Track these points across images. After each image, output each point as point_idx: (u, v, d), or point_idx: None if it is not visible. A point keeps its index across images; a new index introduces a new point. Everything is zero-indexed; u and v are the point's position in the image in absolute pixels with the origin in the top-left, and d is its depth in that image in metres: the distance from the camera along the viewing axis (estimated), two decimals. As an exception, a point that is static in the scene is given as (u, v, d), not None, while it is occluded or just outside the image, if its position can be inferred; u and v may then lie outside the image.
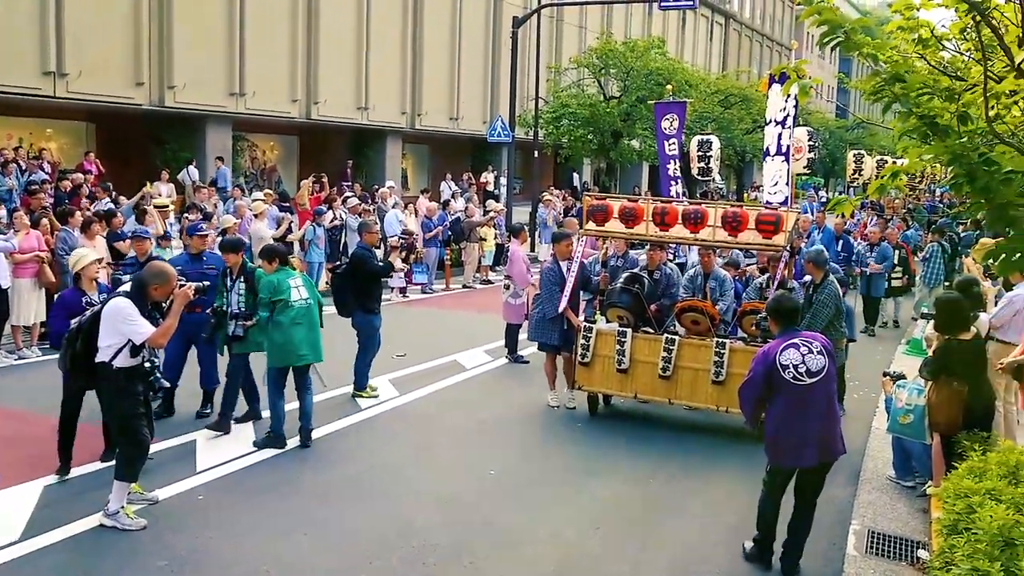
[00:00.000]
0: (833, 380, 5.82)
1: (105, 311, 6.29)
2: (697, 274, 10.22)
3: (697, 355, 8.90)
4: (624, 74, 31.60)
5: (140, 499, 6.67)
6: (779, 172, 10.20)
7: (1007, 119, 4.94)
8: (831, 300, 8.70)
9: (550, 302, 9.57)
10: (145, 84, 23.10)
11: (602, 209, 9.35)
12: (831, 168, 50.98)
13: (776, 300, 6.07)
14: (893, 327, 15.77)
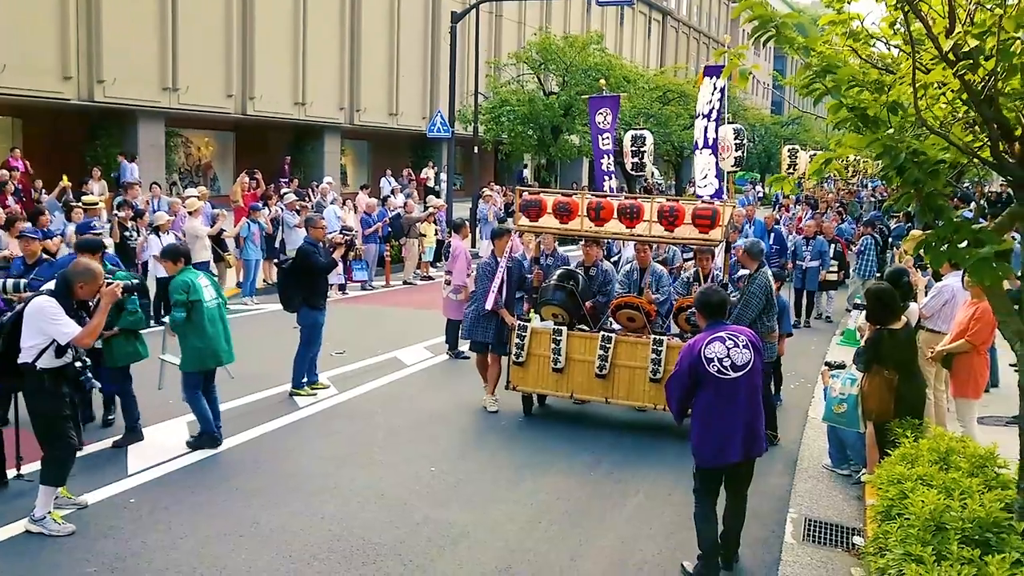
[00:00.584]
0: (759, 374, 5.74)
1: (28, 310, 6.08)
2: (633, 269, 9.95)
3: (634, 353, 8.78)
4: (563, 69, 31.71)
5: (68, 504, 6.47)
6: (708, 165, 10.29)
7: (935, 109, 5.02)
8: (761, 292, 8.56)
9: (486, 298, 9.41)
10: (74, 78, 22.52)
11: (536, 204, 9.14)
12: (767, 164, 51.79)
13: (703, 293, 5.98)
14: (826, 321, 16.03)
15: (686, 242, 9.28)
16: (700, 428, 5.69)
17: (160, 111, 25.12)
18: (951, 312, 8.43)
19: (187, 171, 29.00)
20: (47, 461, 6.19)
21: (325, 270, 9.94)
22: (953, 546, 4.06)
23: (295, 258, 9.96)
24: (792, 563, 5.94)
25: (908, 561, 4.03)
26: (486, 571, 5.84)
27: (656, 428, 9.13)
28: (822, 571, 5.86)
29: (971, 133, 4.90)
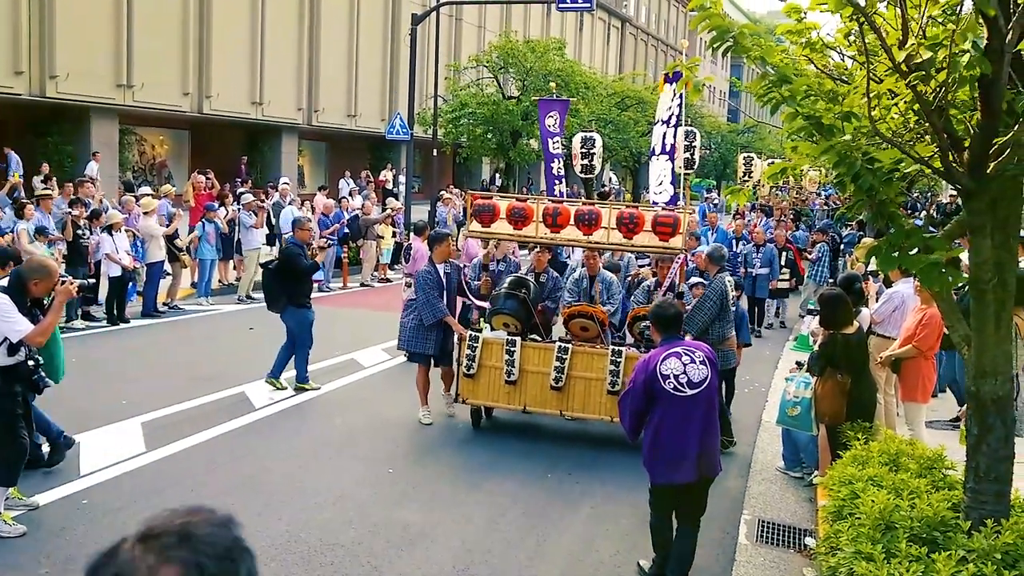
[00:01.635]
0: (715, 392, 5.59)
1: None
2: (583, 277, 9.71)
3: (591, 364, 8.49)
4: (523, 73, 31.79)
5: (19, 505, 6.36)
6: (663, 171, 10.34)
7: (888, 119, 5.15)
8: (716, 296, 8.48)
9: (428, 309, 8.92)
10: (25, 73, 22.06)
11: (489, 209, 8.76)
12: (723, 171, 52.39)
13: (658, 307, 5.83)
14: (780, 327, 16.21)
15: (646, 250, 9.09)
16: (653, 446, 5.49)
17: (114, 108, 24.72)
18: (901, 318, 8.62)
19: (141, 169, 28.57)
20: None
21: (309, 271, 10.10)
22: (902, 544, 4.17)
23: (280, 259, 10.10)
24: (746, 563, 6.04)
25: (859, 559, 4.13)
26: (445, 571, 5.85)
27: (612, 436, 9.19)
28: (775, 571, 5.96)
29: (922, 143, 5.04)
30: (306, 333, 10.08)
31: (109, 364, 10.93)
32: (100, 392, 9.46)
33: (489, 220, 8.78)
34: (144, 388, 9.67)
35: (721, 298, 8.54)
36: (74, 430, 8.05)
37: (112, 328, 13.13)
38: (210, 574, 1.41)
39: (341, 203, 20.57)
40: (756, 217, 22.68)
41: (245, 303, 15.88)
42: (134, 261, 13.71)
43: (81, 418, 8.40)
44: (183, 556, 1.41)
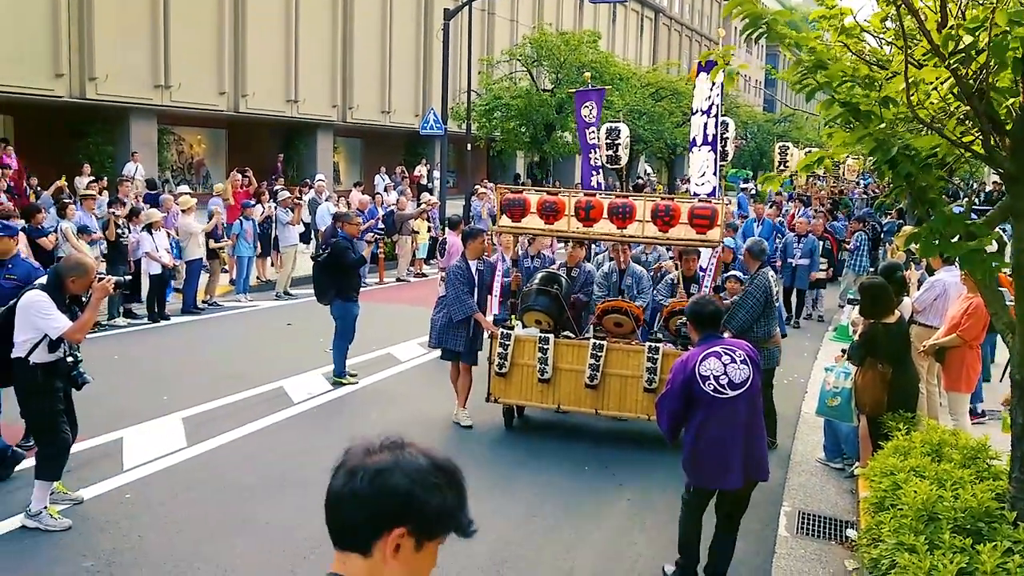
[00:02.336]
0: (758, 392, 5.32)
1: (20, 304, 6.08)
2: (612, 270, 9.54)
3: (627, 361, 8.25)
4: (557, 66, 31.71)
5: (64, 499, 6.47)
6: (706, 162, 10.18)
7: (927, 105, 5.06)
8: (760, 293, 8.22)
9: (457, 305, 8.74)
10: (65, 75, 22.43)
11: (519, 204, 8.56)
12: (759, 161, 51.89)
13: (696, 304, 5.55)
14: (818, 320, 16.01)
15: (683, 244, 8.79)
16: (694, 451, 5.26)
17: (152, 108, 25.05)
18: (942, 306, 8.49)
19: (179, 169, 28.93)
20: (41, 456, 6.19)
21: (357, 265, 10.33)
22: (945, 536, 4.10)
23: (330, 253, 10.27)
24: (786, 556, 5.99)
25: (901, 551, 4.07)
26: (481, 565, 5.87)
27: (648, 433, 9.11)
28: (816, 564, 5.90)
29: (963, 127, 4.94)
30: (350, 326, 10.24)
31: (150, 361, 11.09)
32: (142, 388, 9.60)
33: (520, 215, 8.60)
34: (185, 384, 9.80)
35: (766, 294, 8.26)
36: (117, 426, 8.21)
37: (153, 325, 13.31)
38: (405, 464, 1.74)
39: (376, 199, 20.68)
40: (794, 207, 22.44)
41: (283, 299, 16.02)
42: (173, 259, 13.88)
43: (124, 414, 8.54)
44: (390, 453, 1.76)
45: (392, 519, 1.72)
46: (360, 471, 1.74)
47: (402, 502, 1.72)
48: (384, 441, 1.80)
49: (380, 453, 1.76)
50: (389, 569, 1.74)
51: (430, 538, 1.78)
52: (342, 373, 10.25)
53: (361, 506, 1.73)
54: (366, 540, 1.74)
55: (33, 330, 6.03)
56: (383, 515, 1.72)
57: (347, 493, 1.74)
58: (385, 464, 1.74)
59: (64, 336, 6.06)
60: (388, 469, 1.74)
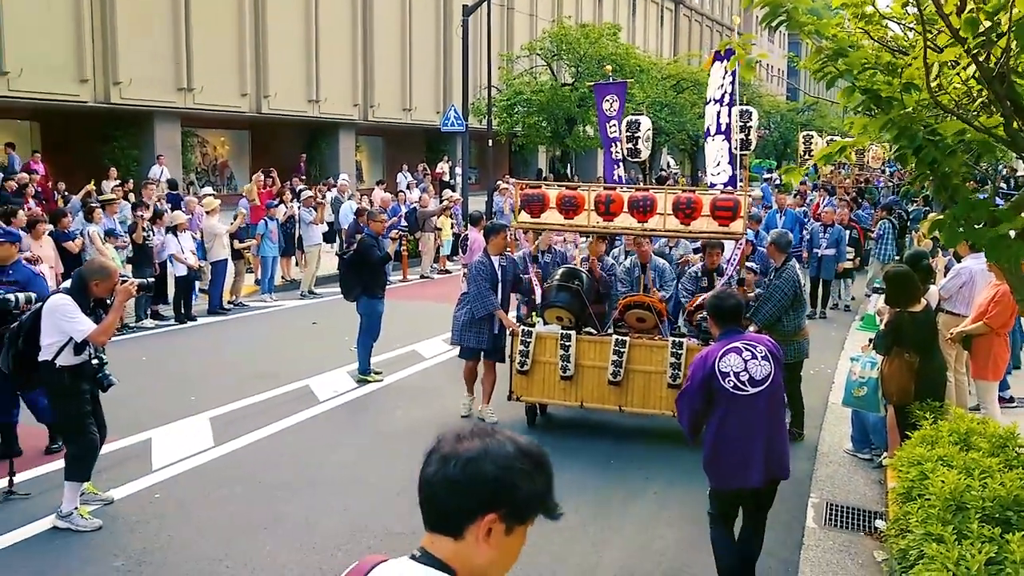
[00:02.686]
0: (781, 389, 5.19)
1: (45, 308, 6.16)
2: (634, 265, 9.41)
3: (650, 357, 8.13)
4: (577, 60, 31.64)
5: (94, 499, 6.55)
6: (720, 151, 10.11)
7: (949, 90, 5.00)
8: (789, 287, 8.13)
9: (479, 301, 8.66)
10: (90, 81, 22.68)
11: (538, 199, 8.41)
12: (783, 151, 51.49)
13: (716, 298, 5.38)
14: (844, 309, 15.88)
15: (705, 236, 8.63)
16: (714, 449, 5.09)
17: (176, 111, 25.27)
18: (969, 294, 8.39)
19: (204, 171, 29.16)
20: (70, 458, 6.26)
21: (382, 262, 10.43)
22: (974, 525, 4.06)
23: (355, 250, 10.37)
24: (814, 547, 5.95)
25: (929, 541, 4.03)
26: (508, 559, 5.86)
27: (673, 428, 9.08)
28: (844, 555, 5.86)
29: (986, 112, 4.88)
30: (375, 323, 10.31)
31: (177, 362, 11.20)
32: (170, 389, 9.69)
33: (539, 210, 8.44)
34: (212, 384, 9.88)
35: (794, 288, 8.20)
36: (146, 426, 8.30)
37: (180, 326, 13.44)
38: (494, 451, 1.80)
39: (399, 196, 20.74)
40: (819, 196, 22.25)
41: (308, 298, 16.12)
42: (198, 261, 14.00)
43: (152, 415, 8.63)
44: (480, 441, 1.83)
45: (484, 505, 1.78)
46: (452, 458, 1.81)
47: (493, 489, 1.78)
48: (474, 428, 1.88)
49: (470, 440, 1.83)
50: (480, 552, 1.79)
51: (521, 522, 1.83)
52: (367, 370, 10.30)
53: (454, 493, 1.79)
54: (459, 524, 1.79)
55: (59, 333, 6.11)
56: (475, 501, 1.78)
57: (440, 480, 1.81)
58: (475, 451, 1.81)
59: (88, 339, 6.14)
60: (479, 456, 1.80)
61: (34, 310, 6.35)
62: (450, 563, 1.79)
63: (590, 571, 5.80)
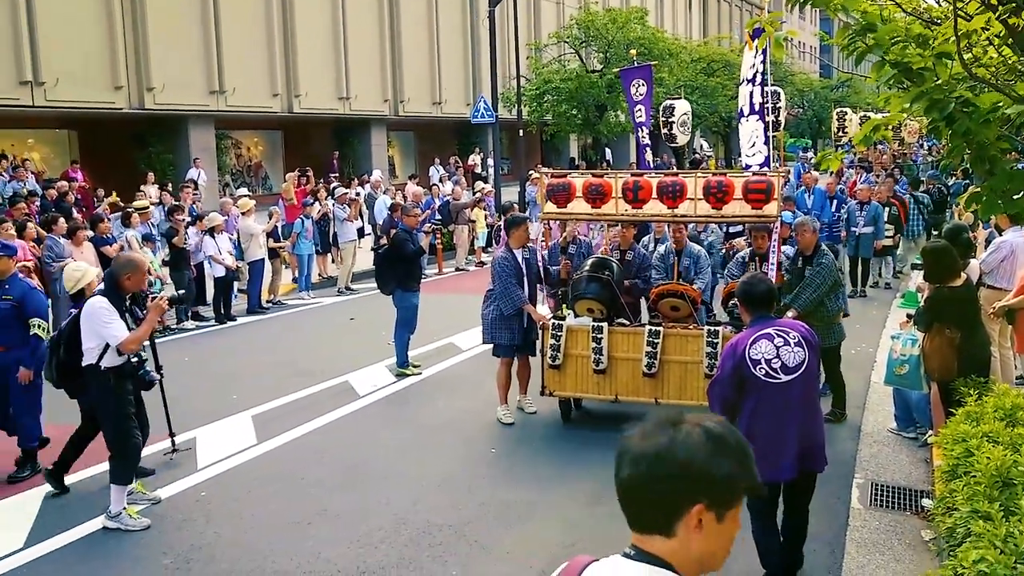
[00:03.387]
0: (815, 377, 5.00)
1: (84, 313, 6.26)
2: (669, 251, 9.18)
3: (685, 347, 7.86)
4: (606, 46, 31.46)
5: (142, 499, 6.66)
6: (755, 132, 9.96)
7: (984, 60, 4.91)
8: (828, 272, 7.95)
9: (506, 298, 8.38)
10: (124, 88, 22.99)
11: (564, 189, 8.15)
12: (818, 129, 50.87)
13: (746, 283, 5.17)
14: (885, 287, 15.64)
15: (737, 221, 8.47)
16: (746, 440, 5.03)
17: (209, 114, 25.54)
18: (1011, 267, 8.24)
19: (239, 172, 29.46)
20: (115, 460, 6.36)
21: (416, 256, 10.46)
22: (1021, 501, 4.00)
23: (390, 244, 10.50)
24: (860, 527, 5.89)
25: (976, 518, 3.97)
26: (551, 547, 5.88)
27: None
28: (891, 535, 5.80)
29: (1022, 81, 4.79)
30: (411, 316, 10.37)
31: (219, 361, 11.34)
32: (212, 389, 9.82)
33: (565, 200, 8.18)
34: (253, 382, 9.99)
35: (834, 274, 8.02)
36: (190, 426, 8.42)
37: (220, 327, 13.61)
38: (682, 441, 1.74)
39: (432, 190, 20.79)
40: (855, 174, 21.94)
41: (345, 294, 16.24)
42: (235, 261, 14.15)
43: (196, 414, 8.75)
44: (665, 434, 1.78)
45: (687, 497, 1.73)
46: (642, 458, 1.76)
47: (690, 479, 1.73)
48: (656, 422, 1.82)
49: (655, 435, 1.78)
50: (696, 545, 1.74)
51: (729, 507, 1.78)
52: (405, 364, 10.36)
53: (653, 492, 1.75)
54: (667, 522, 1.74)
55: (98, 337, 6.21)
56: (677, 496, 1.73)
57: (636, 482, 1.76)
58: (663, 446, 1.75)
59: (119, 347, 6.21)
60: (668, 450, 1.74)
61: (72, 317, 6.46)
62: (668, 559, 1.75)
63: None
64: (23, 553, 5.94)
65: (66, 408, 7.17)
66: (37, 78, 20.88)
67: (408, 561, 5.72)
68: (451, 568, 5.64)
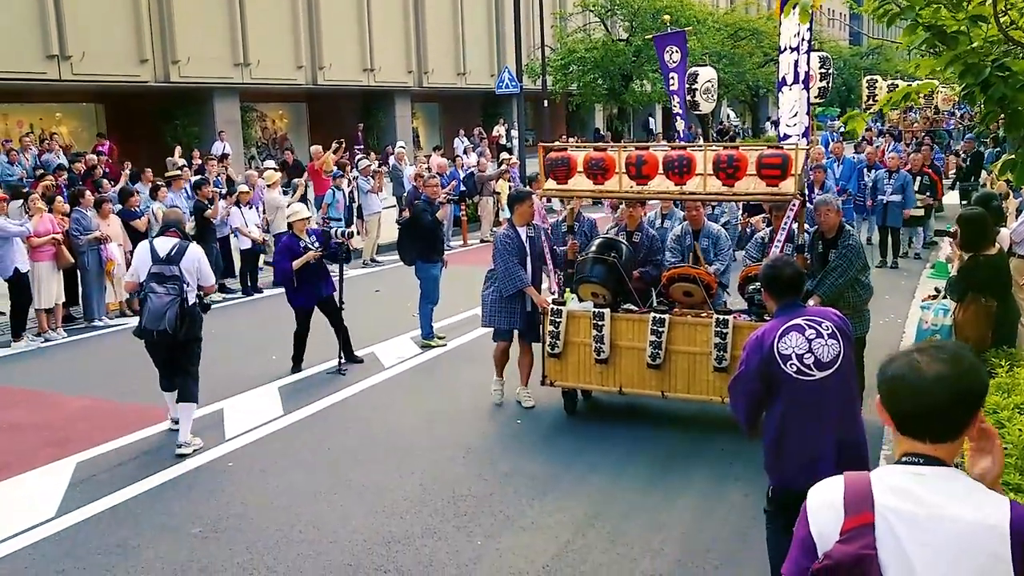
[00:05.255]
0: (852, 371, 4.42)
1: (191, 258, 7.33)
2: (685, 232, 8.43)
3: (694, 336, 7.23)
4: (631, 14, 31.11)
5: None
6: (798, 101, 9.72)
7: (1021, 23, 4.78)
8: (856, 255, 7.19)
9: (507, 278, 7.96)
10: (149, 61, 23.06)
11: (564, 163, 7.51)
12: (847, 97, 50.13)
13: (770, 267, 4.59)
14: (915, 258, 15.42)
15: (751, 199, 7.71)
16: (776, 445, 4.39)
17: (234, 87, 25.57)
18: (1042, 237, 8.08)
19: (264, 144, 29.51)
20: (191, 382, 7.43)
21: (433, 227, 10.44)
22: (1053, 474, 3.93)
23: (410, 216, 10.57)
24: (887, 500, 5.83)
25: (1007, 491, 3.91)
26: (576, 517, 5.89)
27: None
28: (918, 506, 5.73)
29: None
30: (432, 288, 10.39)
31: (245, 333, 11.41)
32: (239, 360, 9.89)
33: (565, 176, 7.56)
34: (279, 354, 10.03)
35: (861, 257, 7.25)
36: (218, 397, 8.48)
37: (247, 299, 13.69)
38: (962, 357, 2.07)
39: (456, 161, 20.72)
40: (884, 142, 21.64)
41: (370, 266, 16.25)
42: (262, 234, 14.19)
43: (223, 386, 8.82)
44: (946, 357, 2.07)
45: (976, 406, 2.06)
46: (944, 378, 2.02)
47: (980, 392, 2.09)
48: (930, 351, 2.09)
49: (941, 362, 2.04)
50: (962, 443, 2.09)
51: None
52: (430, 335, 10.37)
53: (959, 403, 2.03)
54: (961, 429, 2.05)
55: (197, 278, 7.43)
56: (974, 406, 2.06)
57: (945, 399, 2.02)
58: (964, 367, 2.04)
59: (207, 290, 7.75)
60: (964, 370, 2.04)
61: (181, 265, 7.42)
62: (949, 462, 2.06)
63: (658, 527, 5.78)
64: (55, 522, 6.02)
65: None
66: (63, 52, 20.97)
67: (433, 531, 5.75)
68: (476, 538, 5.66)
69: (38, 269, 11.05)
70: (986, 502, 1.98)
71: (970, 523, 1.94)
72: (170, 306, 7.10)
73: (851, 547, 1.99)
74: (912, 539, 1.96)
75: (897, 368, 2.10)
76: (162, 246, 7.33)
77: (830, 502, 2.08)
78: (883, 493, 2.03)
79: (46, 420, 8.21)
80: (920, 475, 2.03)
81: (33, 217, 11.16)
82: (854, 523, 2.01)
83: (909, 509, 1.98)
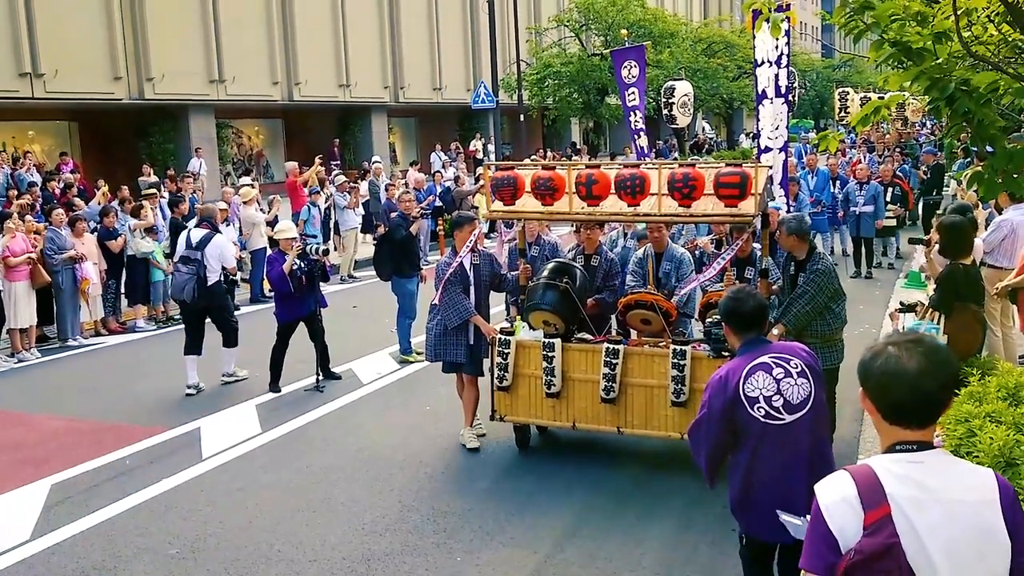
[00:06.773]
0: (824, 411, 4.08)
1: (216, 245, 9.33)
2: (647, 255, 7.81)
3: (651, 367, 6.69)
4: (606, 28, 31.33)
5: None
6: (780, 115, 9.79)
7: (984, 39, 4.88)
8: (827, 280, 6.63)
9: (451, 309, 7.38)
10: (123, 78, 22.97)
11: (510, 183, 6.93)
12: (820, 109, 50.66)
13: (732, 300, 4.18)
14: (888, 268, 15.57)
15: (708, 221, 7.25)
16: (744, 494, 4.06)
17: (209, 104, 25.49)
18: (1012, 247, 8.19)
19: (240, 161, 29.41)
20: (232, 333, 9.70)
21: (406, 241, 10.48)
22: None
23: (384, 231, 10.70)
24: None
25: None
26: (555, 531, 5.90)
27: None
28: (894, 515, 5.78)
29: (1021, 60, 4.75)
30: (409, 303, 10.41)
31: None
32: (215, 380, 9.82)
33: (511, 196, 6.99)
34: (256, 371, 9.98)
35: (833, 281, 6.70)
36: (195, 415, 8.44)
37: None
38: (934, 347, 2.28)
39: (435, 176, 20.74)
40: (859, 153, 21.86)
41: (347, 282, 16.22)
42: (239, 251, 14.12)
43: (199, 405, 8.79)
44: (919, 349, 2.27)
45: (957, 386, 2.37)
46: (928, 372, 2.22)
47: (957, 376, 2.32)
48: (902, 345, 2.28)
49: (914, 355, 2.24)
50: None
51: None
52: (408, 351, 10.37)
53: (945, 389, 2.26)
54: (941, 412, 2.29)
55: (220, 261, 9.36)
56: (952, 390, 2.30)
57: (932, 386, 2.22)
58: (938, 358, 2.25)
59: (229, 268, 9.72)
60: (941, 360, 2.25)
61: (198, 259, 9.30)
62: (932, 442, 2.28)
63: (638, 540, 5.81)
64: (29, 545, 5.97)
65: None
66: (36, 70, 20.86)
67: (413, 548, 5.74)
68: (456, 554, 5.66)
69: (13, 289, 10.95)
70: (976, 481, 2.23)
71: (970, 503, 2.18)
72: (188, 282, 9.22)
73: (877, 539, 2.15)
74: (922, 523, 2.15)
75: (884, 363, 2.27)
76: (194, 235, 9.42)
77: (846, 498, 2.21)
78: (892, 484, 2.19)
79: (20, 441, 8.13)
80: (920, 462, 2.23)
81: (5, 236, 11.06)
82: (875, 516, 2.16)
83: (915, 496, 2.18)
